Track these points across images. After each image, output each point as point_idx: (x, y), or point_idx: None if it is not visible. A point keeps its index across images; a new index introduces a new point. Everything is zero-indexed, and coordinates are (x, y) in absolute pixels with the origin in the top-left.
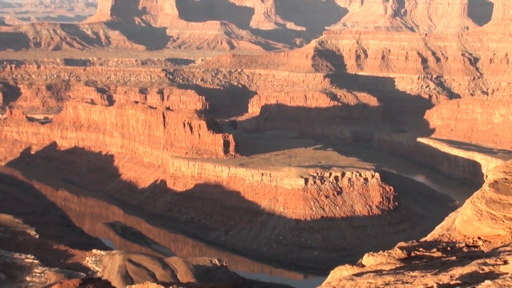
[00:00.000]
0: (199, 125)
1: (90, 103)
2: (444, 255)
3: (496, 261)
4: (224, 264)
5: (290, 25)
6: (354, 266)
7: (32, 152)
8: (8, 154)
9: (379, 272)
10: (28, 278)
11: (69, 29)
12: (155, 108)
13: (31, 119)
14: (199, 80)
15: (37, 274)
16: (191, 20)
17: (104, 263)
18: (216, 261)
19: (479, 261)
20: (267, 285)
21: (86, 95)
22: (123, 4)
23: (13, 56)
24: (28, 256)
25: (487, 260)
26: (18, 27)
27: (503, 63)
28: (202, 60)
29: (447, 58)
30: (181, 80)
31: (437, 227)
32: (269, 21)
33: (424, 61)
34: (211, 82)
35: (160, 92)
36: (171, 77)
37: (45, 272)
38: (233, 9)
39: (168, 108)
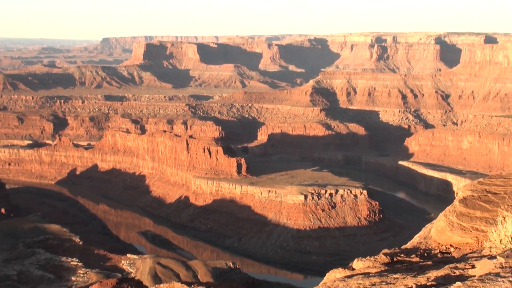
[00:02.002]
0: (217, 150)
1: (125, 132)
2: (421, 260)
3: (465, 265)
4: (237, 266)
5: (292, 67)
6: (346, 269)
7: (77, 173)
8: (57, 174)
9: (366, 275)
10: (73, 278)
11: (108, 71)
12: (180, 136)
13: (76, 145)
14: (217, 113)
15: (81, 275)
16: (210, 63)
17: (137, 265)
18: (231, 264)
19: (451, 265)
20: (273, 284)
21: (123, 125)
22: (154, 50)
23: (62, 93)
24: (73, 259)
25: (458, 265)
26: (66, 69)
27: (469, 99)
28: (219, 96)
29: (423, 94)
30: (201, 113)
31: (415, 236)
32: (274, 64)
33: (404, 97)
34: (226, 114)
35: (184, 123)
36: (193, 110)
37: (87, 273)
38: (245, 54)
39: (191, 136)
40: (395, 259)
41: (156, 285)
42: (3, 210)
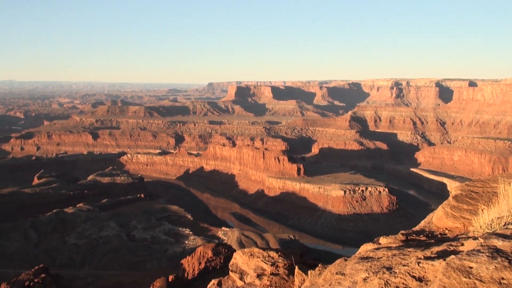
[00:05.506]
0: (283, 158)
1: (222, 145)
2: (427, 239)
3: (457, 243)
4: (296, 238)
5: (336, 103)
6: (374, 243)
7: (190, 172)
8: (177, 173)
9: (389, 248)
10: (186, 242)
11: (212, 104)
12: (259, 148)
13: (190, 154)
14: (284, 133)
15: (191, 240)
16: (280, 100)
17: (228, 235)
18: (292, 236)
19: (447, 243)
20: (320, 251)
21: (220, 141)
22: (242, 91)
23: (181, 119)
24: (186, 229)
25: (452, 243)
26: (184, 103)
27: (459, 125)
28: (285, 122)
29: (427, 122)
30: (273, 133)
31: (422, 221)
32: (324, 100)
33: (414, 124)
34: (290, 134)
35: (262, 139)
36: (268, 131)
37: (195, 239)
38: (303, 93)
39: (266, 149)
40: (409, 237)
41: (241, 249)
42: (142, 195)
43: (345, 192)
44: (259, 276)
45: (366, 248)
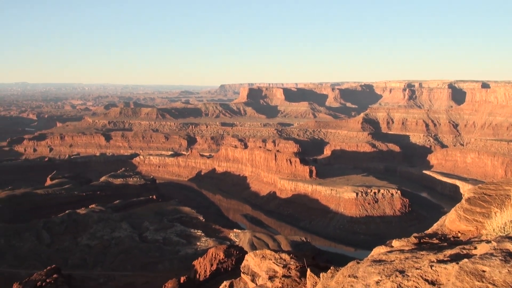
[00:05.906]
0: (295, 160)
1: (234, 147)
2: (440, 242)
3: (470, 247)
4: (308, 240)
5: (348, 104)
6: (387, 246)
7: (202, 173)
8: (189, 174)
9: (402, 251)
10: (198, 243)
11: (224, 106)
12: (271, 150)
13: (202, 155)
14: (296, 135)
15: (203, 241)
16: (292, 101)
17: (240, 237)
18: (304, 239)
19: (460, 246)
20: (332, 254)
21: (232, 143)
22: (254, 92)
23: (193, 121)
24: (198, 231)
25: (465, 246)
26: (196, 105)
27: (472, 127)
28: (297, 124)
29: (440, 124)
30: (285, 135)
31: (434, 224)
32: (336, 101)
33: (427, 125)
34: (302, 136)
35: (273, 141)
36: (279, 133)
37: (207, 240)
38: (316, 95)
39: (278, 151)
40: (421, 240)
41: (253, 251)
42: (154, 197)
43: (357, 194)
44: (271, 278)
45: (378, 251)
